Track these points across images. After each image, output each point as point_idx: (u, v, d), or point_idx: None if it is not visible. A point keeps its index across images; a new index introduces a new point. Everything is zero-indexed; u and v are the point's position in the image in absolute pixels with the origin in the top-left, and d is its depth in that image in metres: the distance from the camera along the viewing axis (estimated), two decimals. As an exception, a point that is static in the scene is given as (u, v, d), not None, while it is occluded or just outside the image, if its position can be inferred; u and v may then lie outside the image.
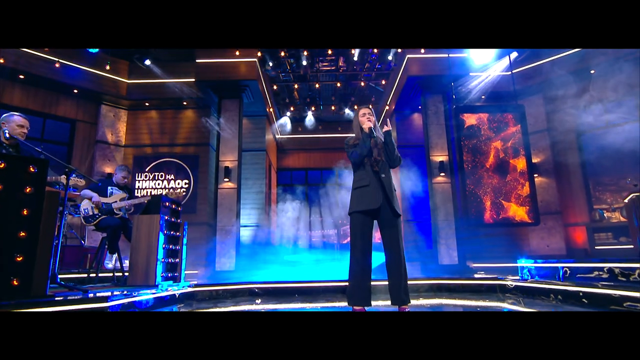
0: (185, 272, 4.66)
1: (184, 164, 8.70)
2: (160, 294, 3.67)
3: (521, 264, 4.87)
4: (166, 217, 4.22)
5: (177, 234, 4.49)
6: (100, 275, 4.43)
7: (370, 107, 2.89)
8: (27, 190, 2.42)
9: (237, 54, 8.35)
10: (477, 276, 5.60)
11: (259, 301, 4.32)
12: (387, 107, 10.40)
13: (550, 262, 4.48)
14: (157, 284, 3.82)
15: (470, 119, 7.57)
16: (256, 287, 4.74)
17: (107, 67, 8.31)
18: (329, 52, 9.14)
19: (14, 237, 2.33)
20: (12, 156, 2.87)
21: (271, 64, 9.17)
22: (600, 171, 7.65)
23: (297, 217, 9.97)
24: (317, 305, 3.85)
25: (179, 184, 8.62)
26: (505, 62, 7.98)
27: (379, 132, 2.87)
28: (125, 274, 4.27)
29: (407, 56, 8.27)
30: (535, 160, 8.25)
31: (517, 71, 8.28)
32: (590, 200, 7.80)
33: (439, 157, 8.12)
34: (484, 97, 8.62)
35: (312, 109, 11.70)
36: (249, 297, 4.63)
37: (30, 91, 7.66)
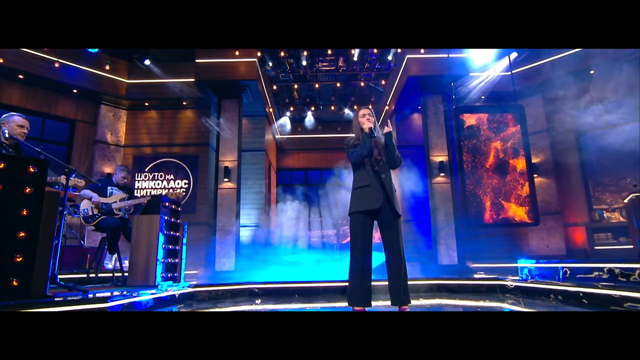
0: (185, 273, 4.65)
1: (183, 164, 8.70)
2: (160, 295, 3.66)
3: (521, 264, 4.87)
4: (166, 218, 4.22)
5: (177, 234, 4.49)
6: (99, 275, 4.43)
7: (370, 107, 2.89)
8: (27, 190, 2.42)
9: (237, 54, 8.35)
10: (477, 276, 5.61)
11: (259, 301, 4.32)
12: (386, 107, 10.40)
13: (550, 263, 4.48)
14: (156, 284, 3.82)
15: (470, 119, 7.57)
16: (256, 288, 4.73)
17: (107, 67, 8.31)
18: (329, 52, 9.14)
19: (13, 237, 2.33)
20: (12, 156, 2.87)
21: (271, 64, 9.18)
22: (599, 171, 7.66)
23: (296, 217, 9.97)
24: (317, 305, 3.84)
25: (178, 184, 8.61)
26: (505, 62, 7.98)
27: (379, 132, 2.87)
28: (125, 274, 4.27)
29: (407, 56, 8.28)
30: (534, 160, 8.25)
31: (517, 71, 8.28)
32: (589, 200, 7.80)
33: (439, 157, 8.12)
34: (483, 97, 8.63)
35: (312, 109, 11.70)
36: (248, 298, 4.63)
37: (29, 91, 7.64)
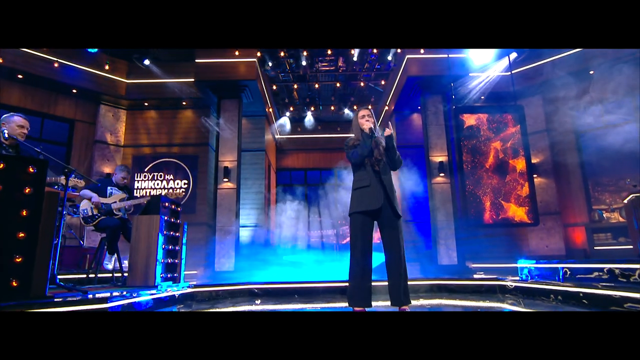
0: (184, 273, 4.65)
1: (183, 164, 8.69)
2: (159, 295, 3.66)
3: (521, 264, 4.87)
4: (165, 218, 4.21)
5: (177, 235, 4.48)
6: (99, 276, 4.42)
7: (369, 108, 2.89)
8: (27, 190, 2.42)
9: (237, 54, 8.35)
10: (476, 277, 5.61)
11: (259, 302, 4.32)
12: (386, 108, 10.41)
13: (550, 263, 4.48)
14: (156, 284, 3.81)
15: (469, 120, 7.57)
16: (255, 288, 4.73)
17: (106, 67, 8.30)
18: (329, 52, 9.14)
19: (13, 237, 2.32)
20: (12, 157, 2.87)
21: (270, 64, 9.17)
22: (599, 172, 7.66)
23: (296, 217, 9.96)
24: (317, 305, 3.84)
25: (178, 184, 8.61)
26: (504, 62, 7.98)
27: (379, 132, 2.87)
28: (124, 274, 4.26)
29: (407, 56, 8.28)
30: (534, 160, 8.25)
31: (517, 72, 8.29)
32: (589, 200, 7.81)
33: (439, 157, 8.13)
34: (483, 97, 8.63)
35: (312, 109, 11.70)
36: (248, 298, 4.63)
37: (28, 91, 7.63)
